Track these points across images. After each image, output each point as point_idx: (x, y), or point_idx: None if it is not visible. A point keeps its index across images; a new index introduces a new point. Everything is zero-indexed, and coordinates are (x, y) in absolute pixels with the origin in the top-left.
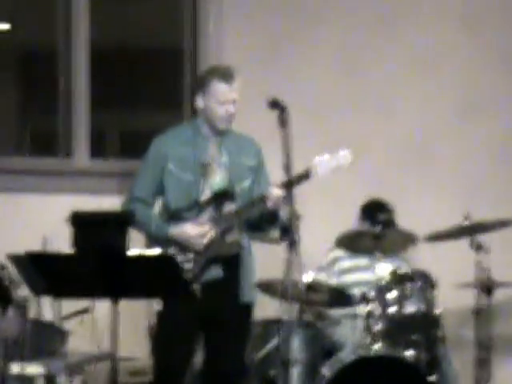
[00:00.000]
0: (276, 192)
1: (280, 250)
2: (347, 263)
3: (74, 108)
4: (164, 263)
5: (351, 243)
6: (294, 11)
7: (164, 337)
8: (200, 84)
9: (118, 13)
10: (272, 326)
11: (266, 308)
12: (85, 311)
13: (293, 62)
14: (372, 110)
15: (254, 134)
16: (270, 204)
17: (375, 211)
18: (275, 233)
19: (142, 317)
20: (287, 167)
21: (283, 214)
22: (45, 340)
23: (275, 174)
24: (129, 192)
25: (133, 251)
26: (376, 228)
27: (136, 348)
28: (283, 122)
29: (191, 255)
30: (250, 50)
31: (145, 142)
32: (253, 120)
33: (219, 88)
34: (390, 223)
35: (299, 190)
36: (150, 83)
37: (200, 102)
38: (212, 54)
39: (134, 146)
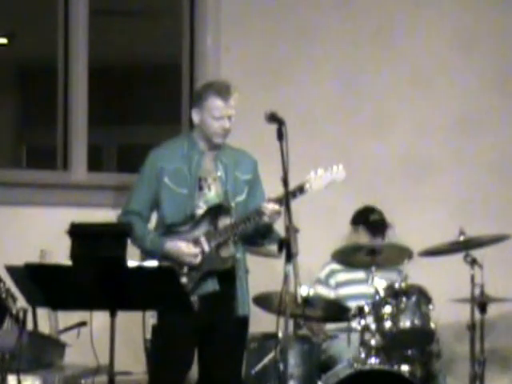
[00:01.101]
0: (271, 206)
1: (277, 263)
2: (343, 276)
3: (72, 122)
4: (164, 275)
5: (347, 257)
6: (291, 29)
7: (159, 351)
8: (196, 99)
9: (116, 29)
10: (268, 340)
11: (262, 322)
12: (82, 324)
13: (290, 78)
14: (367, 126)
15: (252, 148)
16: (265, 218)
17: (366, 213)
18: (273, 246)
19: (137, 331)
20: (285, 181)
21: (280, 227)
22: (42, 352)
23: (273, 188)
24: (124, 205)
25: (131, 263)
26: (371, 229)
27: (132, 362)
28: (281, 135)
29: (185, 269)
30: (247, 65)
31: (143, 157)
32: (250, 134)
33: (215, 103)
34: (383, 223)
35: (293, 205)
36: (148, 98)
37: (196, 117)
38: (209, 69)
39: (132, 160)
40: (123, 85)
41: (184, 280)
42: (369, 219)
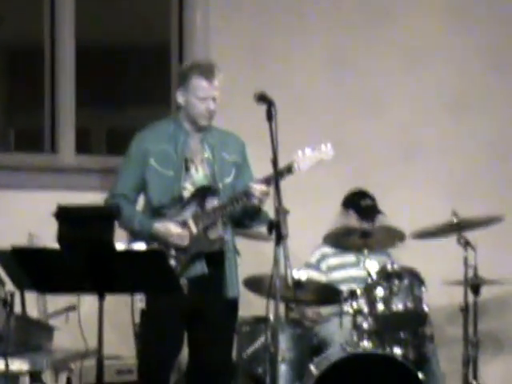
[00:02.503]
0: (259, 187)
1: (268, 246)
2: (335, 260)
3: (60, 104)
4: (152, 257)
5: (339, 240)
6: (281, 7)
7: (148, 335)
8: (180, 79)
9: (103, 10)
10: (259, 323)
11: (253, 306)
12: (71, 309)
13: (280, 57)
14: (359, 106)
15: (241, 129)
16: (253, 199)
17: (358, 198)
18: (262, 228)
19: (125, 315)
20: (275, 162)
21: (269, 208)
22: (30, 336)
23: (261, 169)
24: (111, 188)
25: (118, 245)
26: (362, 214)
27: (121, 346)
28: (271, 116)
29: (173, 252)
30: (236, 45)
31: (131, 139)
32: (239, 115)
33: (199, 84)
34: (374, 209)
35: (282, 186)
36: (137, 80)
37: (180, 98)
38: (198, 49)
39: (121, 142)
40: (111, 66)
41: (172, 262)
42: (360, 204)
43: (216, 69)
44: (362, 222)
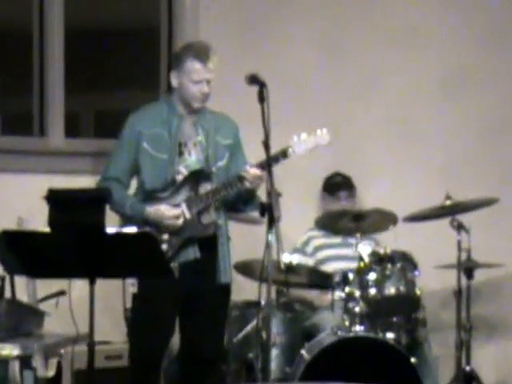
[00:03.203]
0: (253, 171)
1: (259, 230)
2: (321, 241)
3: (49, 87)
4: (143, 241)
5: (330, 224)
6: None
7: (140, 320)
8: (175, 61)
9: None
10: (250, 308)
11: (244, 290)
12: (61, 293)
13: (271, 38)
14: (351, 88)
15: (232, 111)
16: (247, 183)
17: (329, 179)
18: (254, 212)
19: (117, 300)
20: (266, 144)
21: (261, 191)
22: (20, 321)
23: (254, 152)
24: (103, 171)
25: (110, 229)
26: (330, 192)
27: (111, 332)
28: (262, 97)
29: (166, 236)
30: (226, 26)
31: (121, 122)
32: (231, 96)
33: (194, 67)
34: (346, 184)
35: (274, 170)
36: (126, 63)
37: (174, 80)
38: (188, 31)
39: (110, 126)
40: (100, 50)
41: (164, 247)
42: (330, 183)
43: (211, 51)
44: (338, 200)
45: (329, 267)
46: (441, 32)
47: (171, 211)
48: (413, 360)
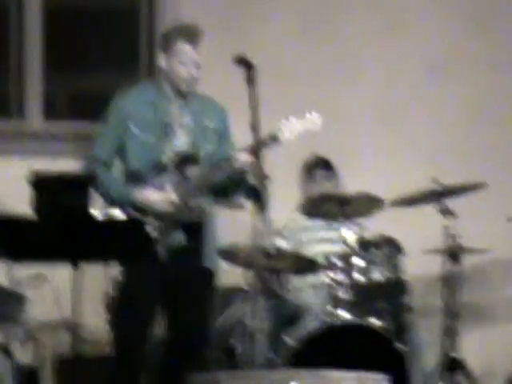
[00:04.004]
0: (242, 156)
1: (243, 215)
2: (302, 223)
3: (27, 69)
4: (129, 225)
5: (315, 208)
6: None
7: (123, 306)
8: (163, 43)
9: None
10: (234, 294)
11: (227, 275)
12: (41, 278)
13: (254, 20)
14: (339, 71)
15: (220, 93)
16: (235, 169)
17: (308, 162)
18: (243, 197)
19: (99, 287)
20: (254, 126)
21: (250, 176)
22: (2, 306)
23: (243, 136)
24: (89, 153)
25: (94, 212)
26: (314, 177)
27: (94, 319)
28: (250, 79)
29: (151, 220)
30: (209, 7)
31: (101, 104)
32: (219, 79)
33: (183, 49)
34: (321, 163)
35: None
36: (106, 43)
37: (162, 62)
38: (169, 12)
39: (88, 108)
40: (79, 30)
41: (149, 231)
42: (306, 164)
43: (200, 32)
44: (317, 182)
45: (312, 250)
46: (425, 15)
47: (159, 196)
48: (399, 346)
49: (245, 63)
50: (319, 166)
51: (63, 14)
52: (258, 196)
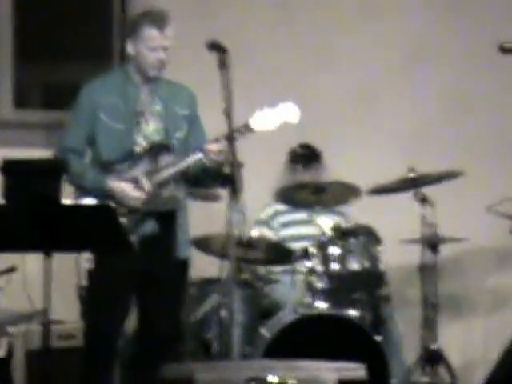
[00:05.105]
0: (215, 147)
1: (217, 204)
2: (286, 217)
3: None
4: (101, 214)
5: (290, 196)
6: None
7: (95, 297)
8: (130, 29)
9: None
10: (208, 285)
11: (201, 267)
12: (11, 270)
13: (232, 8)
14: (313, 58)
15: (193, 79)
16: (208, 158)
17: (295, 149)
18: (216, 185)
19: (70, 277)
20: (228, 112)
21: (223, 165)
22: None
23: (216, 123)
24: (59, 142)
25: (66, 201)
26: (301, 164)
27: (65, 310)
28: (223, 64)
29: (124, 209)
30: None
31: (72, 93)
32: (192, 65)
33: (150, 34)
34: (309, 153)
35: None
36: (78, 32)
37: (130, 48)
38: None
39: (60, 97)
40: (51, 17)
41: (122, 220)
42: (298, 154)
43: (168, 18)
44: (302, 171)
45: (286, 233)
46: (400, 2)
47: (134, 193)
48: (377, 338)
49: (218, 48)
50: (304, 154)
51: (34, 2)
52: (231, 185)
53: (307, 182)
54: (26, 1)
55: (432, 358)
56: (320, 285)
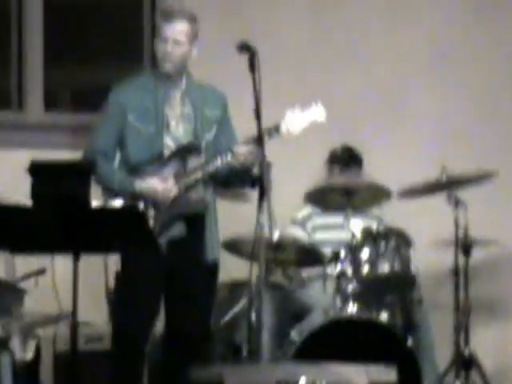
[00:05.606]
0: (244, 148)
1: (247, 206)
2: (320, 220)
3: (28, 59)
4: (129, 215)
5: (321, 199)
6: None
7: (123, 299)
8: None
9: None
10: (238, 288)
11: (231, 269)
12: (41, 272)
13: (261, 9)
14: (344, 59)
15: (223, 80)
16: (238, 160)
17: (337, 151)
18: (246, 187)
19: (97, 280)
20: (257, 112)
21: (253, 166)
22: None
23: (245, 124)
24: (88, 145)
25: (95, 203)
26: (340, 165)
27: (93, 313)
28: (253, 65)
29: (153, 212)
30: None
31: (102, 96)
32: (221, 66)
33: (161, 26)
34: (352, 157)
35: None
36: (108, 34)
37: (155, 47)
38: (173, 2)
39: (90, 99)
40: (80, 21)
41: (151, 223)
42: (338, 156)
43: (181, 13)
44: (343, 174)
45: (319, 237)
46: (434, 3)
47: (162, 186)
48: (409, 342)
49: (247, 49)
50: (343, 156)
51: (64, 5)
52: (261, 186)
53: (338, 184)
54: (56, 4)
55: (465, 363)
56: (350, 288)
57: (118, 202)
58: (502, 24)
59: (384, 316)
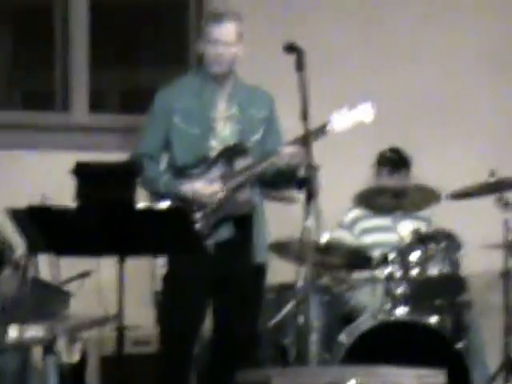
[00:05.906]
0: (290, 149)
1: (295, 209)
2: (368, 223)
3: (73, 62)
4: (175, 217)
5: (370, 201)
6: None
7: (170, 301)
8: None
9: None
10: (286, 291)
11: (279, 272)
12: (85, 275)
13: (307, 10)
14: (394, 60)
15: (270, 81)
16: (284, 161)
17: (386, 153)
18: (293, 189)
19: (145, 282)
20: (304, 114)
21: (300, 168)
22: (45, 301)
23: (291, 125)
24: (134, 148)
25: (140, 205)
26: (389, 168)
27: (139, 316)
28: (300, 66)
29: (200, 214)
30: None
31: (147, 98)
32: (268, 67)
33: (209, 28)
34: (401, 159)
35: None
36: (154, 37)
37: (200, 49)
38: (217, 3)
39: (136, 101)
40: (126, 22)
41: (198, 225)
42: (387, 158)
43: (228, 14)
44: (392, 176)
45: (367, 240)
46: (486, 6)
47: (208, 188)
48: (458, 345)
49: (294, 50)
50: (392, 158)
51: (109, 6)
52: (308, 188)
53: (388, 186)
54: (102, 5)
55: None
56: (400, 291)
57: (164, 204)
58: None
59: (433, 319)
